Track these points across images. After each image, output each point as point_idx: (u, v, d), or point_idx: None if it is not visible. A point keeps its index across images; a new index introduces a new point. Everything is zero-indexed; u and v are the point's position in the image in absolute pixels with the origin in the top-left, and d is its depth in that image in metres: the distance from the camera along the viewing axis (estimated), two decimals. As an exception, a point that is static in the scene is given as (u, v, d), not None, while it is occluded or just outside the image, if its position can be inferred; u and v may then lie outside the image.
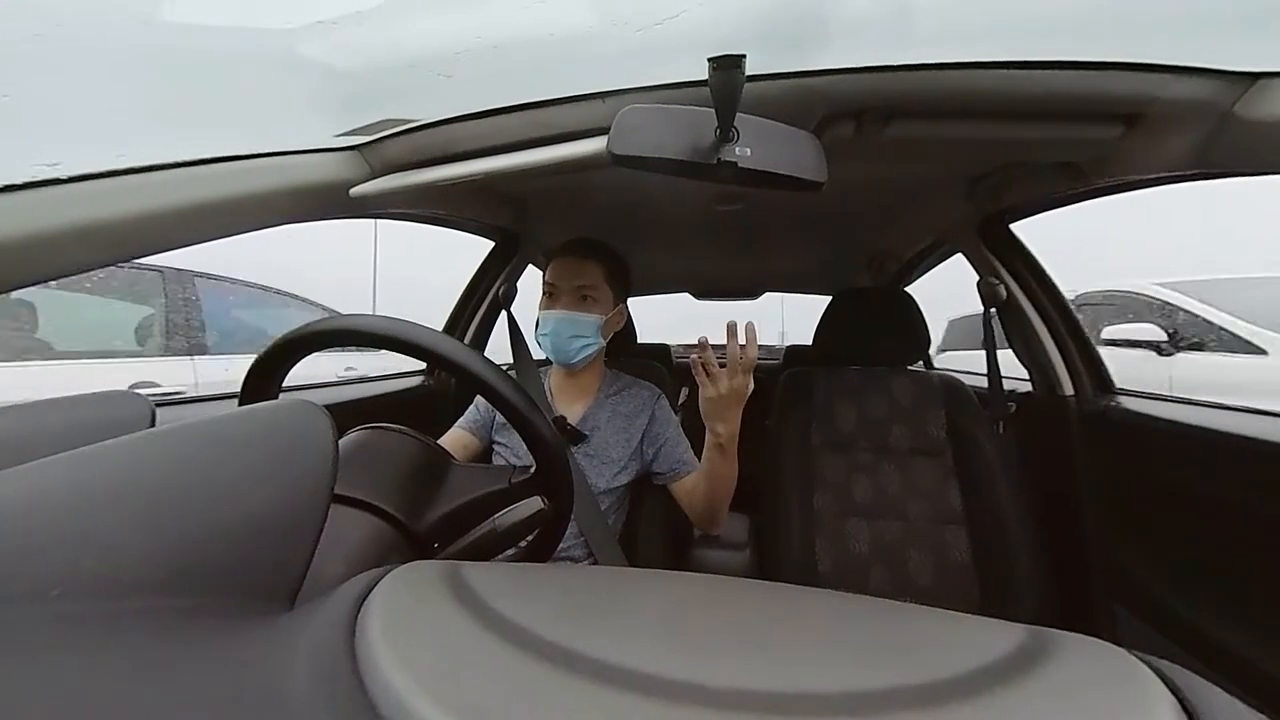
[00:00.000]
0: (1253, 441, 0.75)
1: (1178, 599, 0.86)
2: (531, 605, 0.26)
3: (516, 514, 0.52)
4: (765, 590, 0.34)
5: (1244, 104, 0.59)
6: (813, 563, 1.08)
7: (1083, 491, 1.05)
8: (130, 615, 0.20)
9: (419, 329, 0.48)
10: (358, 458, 0.49)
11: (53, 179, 0.49)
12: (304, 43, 0.68)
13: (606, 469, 0.95)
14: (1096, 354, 1.10)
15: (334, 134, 0.77)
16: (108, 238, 0.53)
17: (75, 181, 0.51)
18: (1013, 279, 1.13)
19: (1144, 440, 0.94)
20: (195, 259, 2.43)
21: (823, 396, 1.20)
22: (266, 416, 0.30)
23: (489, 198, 1.15)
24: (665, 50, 0.66)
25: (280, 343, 0.50)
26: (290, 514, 0.26)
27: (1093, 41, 0.61)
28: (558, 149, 0.70)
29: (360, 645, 0.20)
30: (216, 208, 0.61)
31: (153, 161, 0.56)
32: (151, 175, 0.56)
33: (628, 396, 1.02)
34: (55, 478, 0.22)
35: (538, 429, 0.51)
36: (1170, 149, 0.68)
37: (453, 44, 0.70)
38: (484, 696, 0.19)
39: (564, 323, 0.93)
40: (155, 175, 0.57)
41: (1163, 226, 9.41)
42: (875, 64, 0.64)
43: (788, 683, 0.21)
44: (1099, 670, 0.23)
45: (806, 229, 1.53)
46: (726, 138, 0.53)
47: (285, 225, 0.71)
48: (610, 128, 0.55)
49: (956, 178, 1.03)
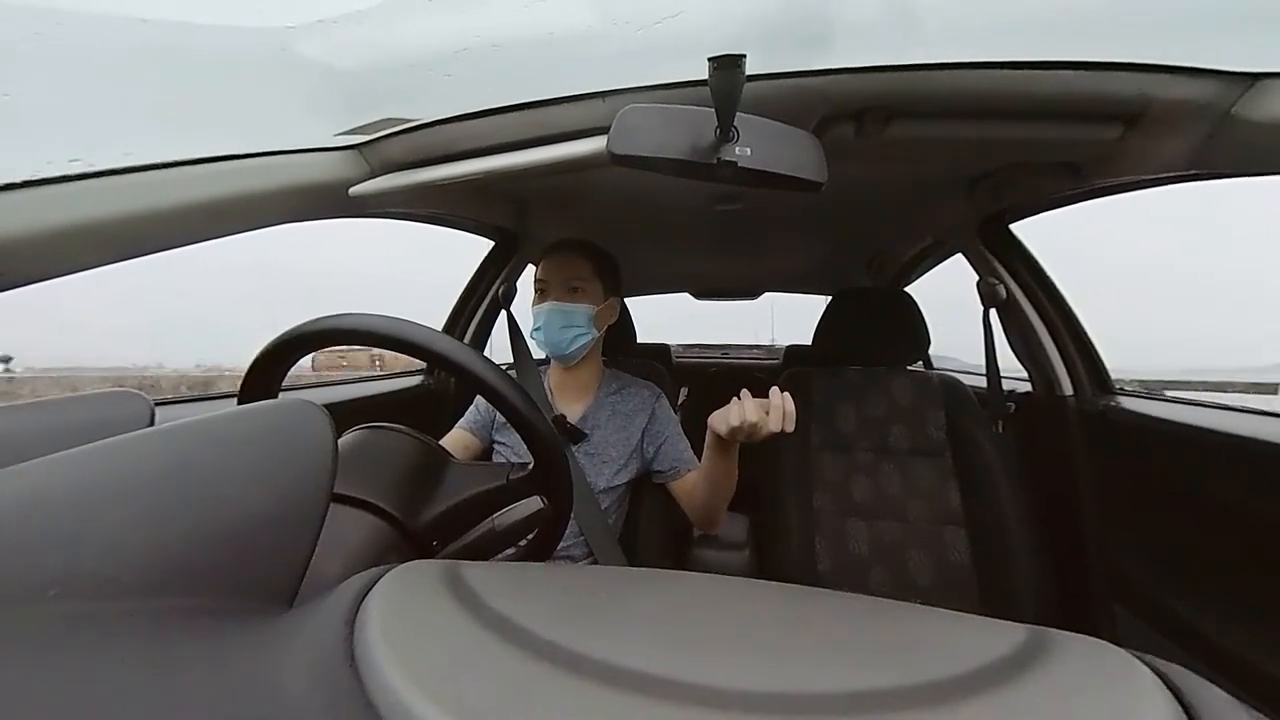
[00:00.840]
0: (1252, 442, 0.75)
1: (1177, 599, 0.86)
2: (531, 605, 0.26)
3: (516, 513, 0.52)
4: (765, 590, 0.34)
5: (1243, 104, 0.59)
6: (812, 563, 1.08)
7: (1082, 491, 1.05)
8: (128, 615, 0.20)
9: (419, 328, 0.48)
10: (357, 457, 0.49)
11: (51, 177, 0.49)
12: (303, 42, 0.68)
13: (606, 468, 0.95)
14: (1096, 354, 1.10)
15: (333, 133, 0.77)
16: (107, 237, 0.53)
17: (74, 180, 0.51)
18: (1012, 279, 1.13)
19: (1144, 440, 0.94)
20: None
21: (822, 397, 1.20)
22: (265, 416, 0.30)
23: (488, 197, 1.15)
24: (665, 50, 0.66)
25: (279, 342, 0.50)
26: (289, 513, 0.26)
27: (1092, 42, 0.61)
28: (557, 148, 0.70)
29: (359, 645, 0.20)
30: (215, 207, 0.61)
31: (151, 161, 0.56)
32: (150, 174, 0.56)
33: (627, 395, 1.02)
34: (54, 477, 0.22)
35: (537, 428, 0.51)
36: (1170, 149, 0.68)
37: (452, 43, 0.70)
38: (483, 696, 0.19)
39: (555, 313, 0.93)
40: (154, 174, 0.56)
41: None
42: (875, 64, 0.64)
43: (787, 683, 0.21)
44: (1098, 670, 0.23)
45: (806, 229, 1.53)
46: (726, 137, 0.53)
47: (284, 224, 0.71)
48: (610, 127, 0.55)
49: (956, 178, 1.03)
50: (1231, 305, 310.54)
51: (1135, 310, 36.09)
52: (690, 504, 0.95)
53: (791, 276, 2.25)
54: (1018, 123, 0.69)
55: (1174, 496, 0.88)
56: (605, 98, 0.68)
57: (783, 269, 2.09)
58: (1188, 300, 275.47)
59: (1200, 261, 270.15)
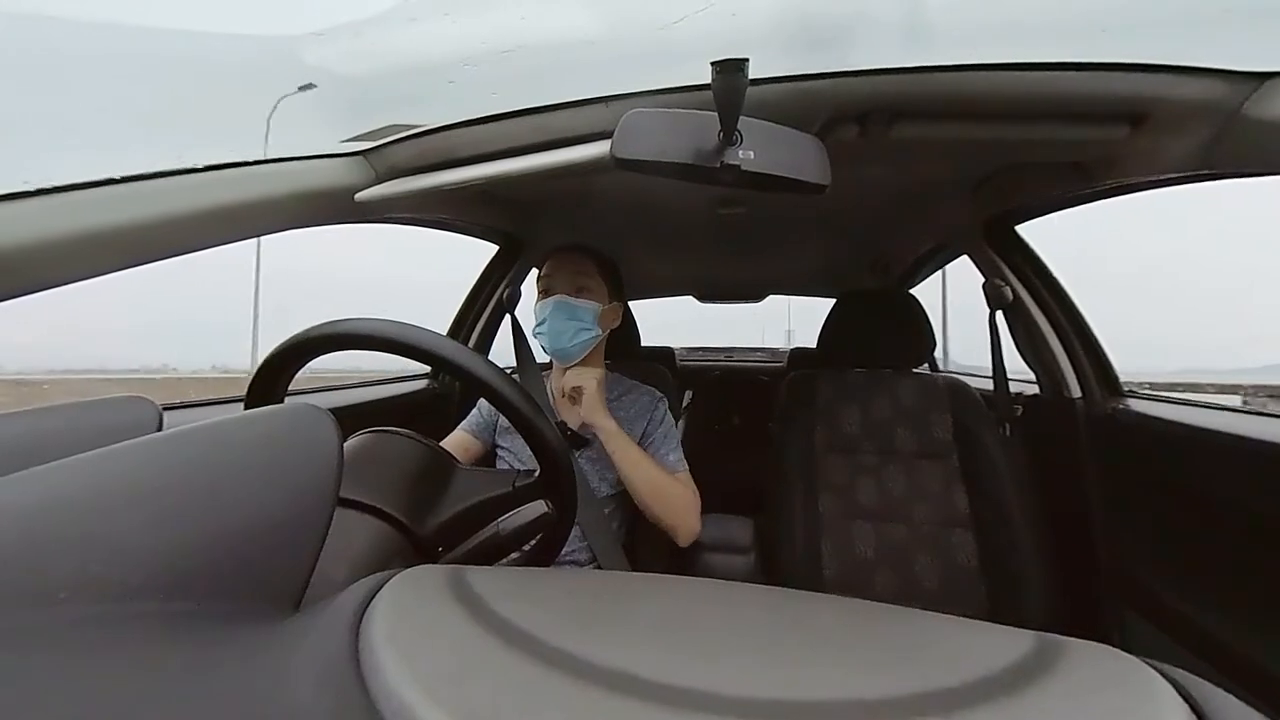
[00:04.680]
0: (1263, 445, 0.74)
1: (1188, 603, 0.85)
2: (535, 610, 0.26)
3: (520, 518, 0.52)
4: (770, 595, 0.34)
5: (1253, 104, 0.58)
6: (818, 566, 1.07)
7: (1090, 494, 1.04)
8: (136, 619, 0.20)
9: (424, 333, 0.48)
10: (362, 461, 0.49)
11: (61, 185, 0.50)
12: (309, 49, 0.68)
13: (610, 473, 0.95)
14: (1105, 355, 1.09)
15: (339, 139, 0.78)
16: (115, 244, 0.53)
17: (83, 188, 0.51)
18: (1018, 281, 1.12)
19: (1153, 443, 0.93)
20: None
21: (827, 399, 1.20)
22: (272, 420, 0.30)
23: (493, 202, 1.15)
24: (668, 55, 0.67)
25: (286, 347, 0.50)
26: (295, 518, 0.27)
27: (1098, 42, 0.61)
28: (561, 153, 0.70)
29: (364, 649, 0.20)
30: (222, 214, 0.61)
31: (158, 168, 0.57)
32: (157, 182, 0.57)
33: (630, 401, 1.02)
34: (63, 482, 0.23)
35: (542, 433, 0.51)
36: (1177, 149, 0.68)
37: (457, 50, 0.71)
38: (487, 701, 0.19)
39: (561, 306, 0.93)
40: (161, 182, 0.57)
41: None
42: (879, 66, 0.64)
43: (792, 690, 0.21)
44: (1109, 677, 0.22)
45: (810, 231, 1.52)
46: (730, 141, 0.53)
47: (291, 231, 0.71)
48: (613, 132, 0.55)
49: (961, 179, 1.02)
50: (1223, 307, 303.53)
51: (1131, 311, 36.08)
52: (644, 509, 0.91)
53: (795, 279, 2.25)
54: (1023, 124, 0.69)
55: (1184, 500, 0.87)
56: (609, 102, 0.68)
57: (787, 272, 2.09)
58: (1179, 301, 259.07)
59: (1192, 262, 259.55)
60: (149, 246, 0.56)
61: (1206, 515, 0.83)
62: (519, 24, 0.67)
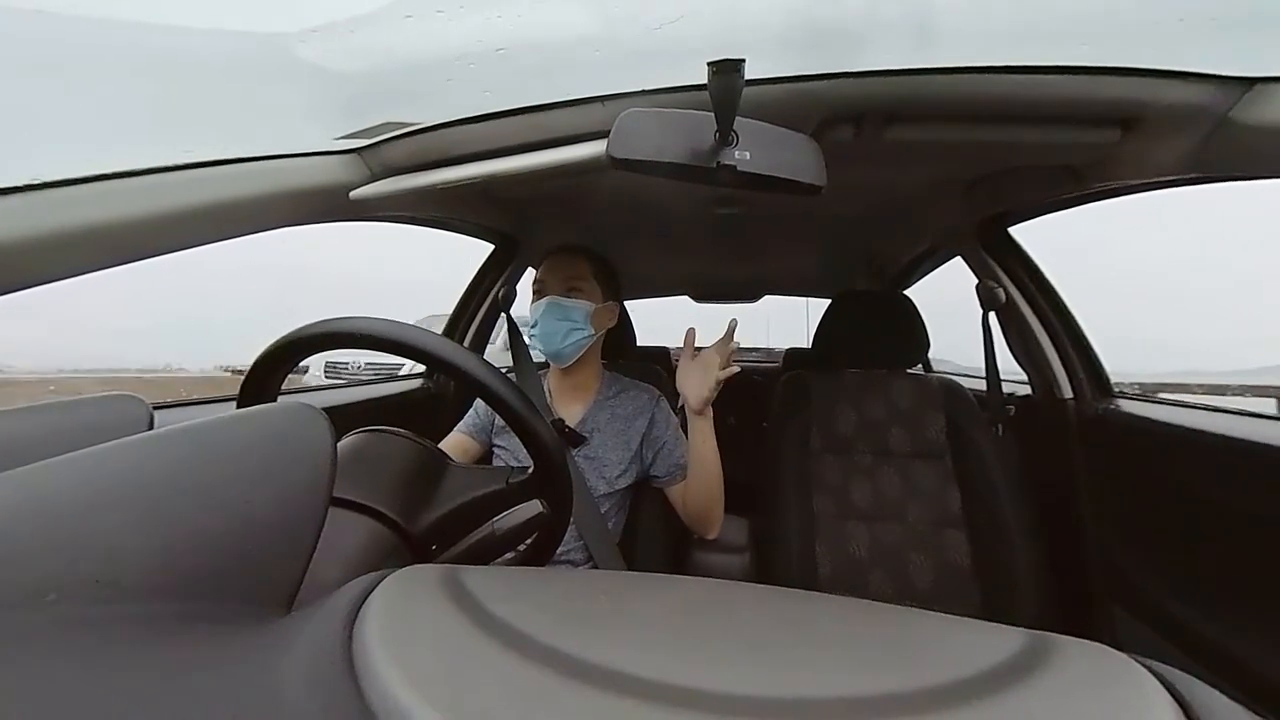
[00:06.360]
0: (1251, 444, 0.75)
1: (1178, 602, 0.86)
2: (530, 610, 0.26)
3: (515, 517, 0.51)
4: (765, 594, 0.34)
5: (1241, 109, 0.59)
6: (813, 566, 1.08)
7: (1082, 494, 1.05)
8: (127, 619, 0.20)
9: (418, 332, 0.48)
10: (356, 461, 0.49)
11: (54, 181, 0.49)
12: (304, 46, 0.68)
13: (606, 472, 0.95)
14: (1096, 357, 1.10)
15: (334, 137, 0.77)
16: (108, 241, 0.53)
17: (76, 184, 0.51)
18: (1011, 282, 1.13)
19: (1143, 443, 0.94)
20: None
21: (822, 399, 1.20)
22: (264, 419, 0.30)
23: (489, 201, 1.15)
24: (665, 55, 0.66)
25: (278, 345, 0.50)
26: (288, 517, 0.26)
27: (1090, 46, 0.61)
28: (557, 152, 0.70)
29: (357, 649, 0.20)
30: (216, 211, 0.61)
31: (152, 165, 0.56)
32: (151, 178, 0.56)
33: (627, 399, 1.01)
34: (53, 481, 0.22)
35: (537, 432, 0.51)
36: (1167, 153, 0.69)
37: (453, 48, 0.70)
38: (481, 701, 0.19)
39: (553, 307, 0.94)
40: (155, 178, 0.57)
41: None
42: (874, 68, 0.64)
43: (787, 688, 0.21)
44: (1099, 675, 0.23)
45: (806, 232, 1.53)
46: (726, 141, 0.53)
47: (285, 228, 0.71)
48: (609, 131, 0.55)
49: (955, 181, 1.03)
50: (1218, 308, 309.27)
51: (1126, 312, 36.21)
52: (684, 506, 0.95)
53: (791, 279, 2.26)
54: (1016, 126, 0.69)
55: (1174, 499, 0.88)
56: (605, 102, 0.68)
57: (782, 272, 2.10)
58: (1174, 303, 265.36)
59: (1183, 265, 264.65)
60: (142, 243, 0.55)
61: (1195, 514, 0.84)
62: (515, 22, 0.67)
